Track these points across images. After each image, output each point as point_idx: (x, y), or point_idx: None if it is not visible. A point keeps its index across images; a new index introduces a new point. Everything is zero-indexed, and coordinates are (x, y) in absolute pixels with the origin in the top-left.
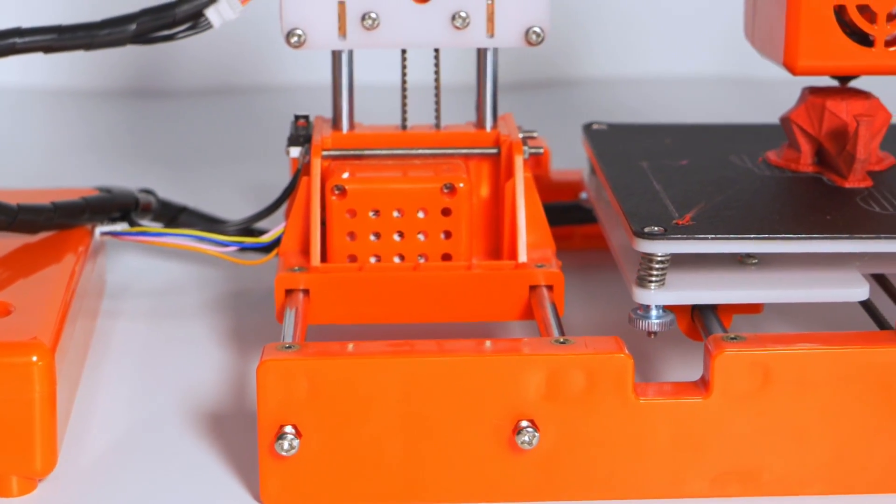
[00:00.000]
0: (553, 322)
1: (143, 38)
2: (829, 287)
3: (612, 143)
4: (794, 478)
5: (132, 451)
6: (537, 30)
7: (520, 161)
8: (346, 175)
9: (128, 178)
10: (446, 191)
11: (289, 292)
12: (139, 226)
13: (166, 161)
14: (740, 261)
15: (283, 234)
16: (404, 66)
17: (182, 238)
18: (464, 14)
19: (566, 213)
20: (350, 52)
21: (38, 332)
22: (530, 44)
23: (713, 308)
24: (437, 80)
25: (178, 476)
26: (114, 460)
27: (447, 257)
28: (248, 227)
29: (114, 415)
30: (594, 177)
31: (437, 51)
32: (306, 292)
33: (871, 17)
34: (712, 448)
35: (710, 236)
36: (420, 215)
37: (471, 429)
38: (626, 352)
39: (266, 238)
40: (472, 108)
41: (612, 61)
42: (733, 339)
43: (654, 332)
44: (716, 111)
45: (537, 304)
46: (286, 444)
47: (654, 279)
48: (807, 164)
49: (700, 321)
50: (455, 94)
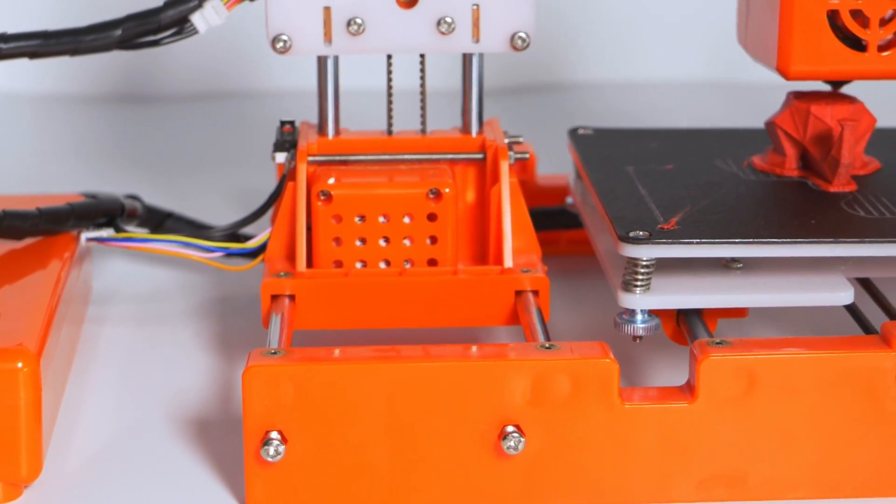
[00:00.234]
0: (539, 327)
1: (128, 43)
2: (814, 291)
3: (597, 147)
4: (780, 482)
5: (118, 457)
6: (523, 35)
7: (505, 166)
8: (331, 180)
9: (113, 184)
10: (432, 196)
11: (274, 298)
12: (125, 231)
13: (152, 166)
14: (725, 265)
15: (268, 239)
16: (390, 72)
17: (168, 244)
18: (449, 19)
19: (552, 217)
20: (336, 58)
21: (24, 339)
22: (516, 49)
23: (698, 312)
24: (422, 85)
25: (164, 482)
26: (99, 466)
27: (433, 262)
28: (233, 233)
29: (99, 421)
30: (580, 181)
31: (422, 56)
32: (292, 298)
33: (864, 22)
34: (698, 452)
35: (695, 240)
36: (406, 220)
37: (457, 434)
38: (612, 357)
39: (252, 244)
40: (457, 114)
41: (601, 66)
42: (719, 343)
43: (640, 337)
44: (704, 116)
45: (523, 310)
46: (272, 450)
47: (639, 283)
48: (792, 168)
49: (685, 325)
50: (441, 99)
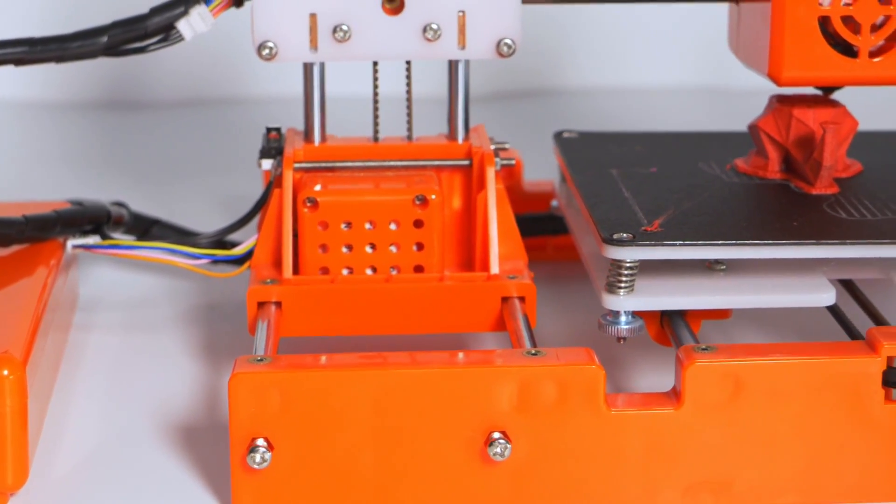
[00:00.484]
0: (525, 333)
1: (114, 50)
2: (796, 292)
3: (582, 150)
4: (767, 487)
5: (104, 465)
6: (508, 41)
7: (491, 172)
8: (318, 187)
9: (100, 191)
10: (418, 202)
11: (261, 305)
12: (111, 239)
13: (138, 173)
14: (708, 267)
15: (255, 246)
16: (376, 78)
17: (154, 251)
18: (435, 26)
19: (538, 223)
20: (322, 65)
21: (10, 346)
22: (501, 55)
23: (682, 314)
24: (408, 91)
25: (150, 489)
26: (85, 474)
27: (419, 269)
28: (220, 240)
29: (86, 428)
30: (565, 185)
31: (408, 63)
32: (278, 305)
33: (856, 28)
34: (684, 458)
35: (678, 242)
36: (392, 227)
37: (443, 441)
38: (598, 363)
39: (238, 250)
40: (444, 120)
41: (588, 72)
42: (704, 349)
43: (624, 338)
44: (691, 120)
45: (509, 316)
46: (258, 457)
47: (623, 285)
48: (774, 171)
49: (669, 327)
50: (427, 105)
